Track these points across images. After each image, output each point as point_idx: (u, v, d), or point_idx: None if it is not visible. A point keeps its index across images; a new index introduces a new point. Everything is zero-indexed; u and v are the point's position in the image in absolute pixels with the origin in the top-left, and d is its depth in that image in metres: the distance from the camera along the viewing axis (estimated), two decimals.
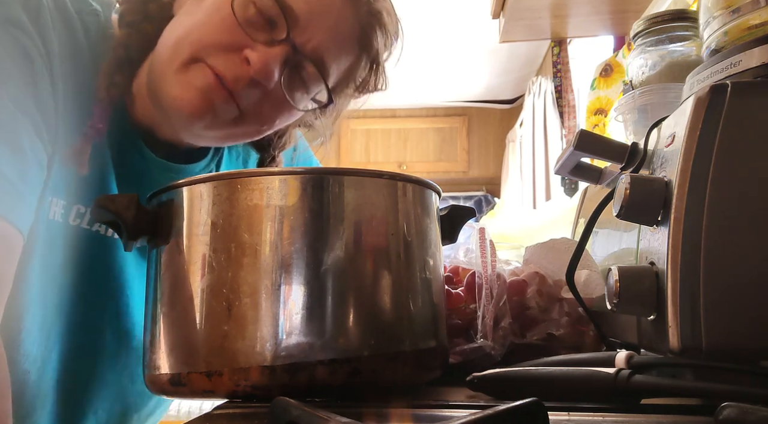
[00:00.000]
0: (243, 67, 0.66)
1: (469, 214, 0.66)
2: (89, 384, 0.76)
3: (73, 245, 0.70)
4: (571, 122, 2.88)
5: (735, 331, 0.43)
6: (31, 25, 0.63)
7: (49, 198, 0.66)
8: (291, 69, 0.68)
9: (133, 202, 0.56)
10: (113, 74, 0.69)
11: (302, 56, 0.68)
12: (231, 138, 0.75)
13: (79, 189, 0.69)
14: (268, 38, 0.66)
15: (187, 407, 2.88)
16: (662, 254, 0.45)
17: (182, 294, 0.53)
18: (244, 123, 0.70)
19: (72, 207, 0.69)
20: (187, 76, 0.66)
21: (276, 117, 0.72)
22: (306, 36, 0.67)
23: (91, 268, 0.73)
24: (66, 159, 0.66)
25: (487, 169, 4.50)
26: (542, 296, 0.68)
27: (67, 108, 0.66)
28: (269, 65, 0.66)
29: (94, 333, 0.75)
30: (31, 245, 0.64)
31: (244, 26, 0.66)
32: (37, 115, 0.62)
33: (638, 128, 0.74)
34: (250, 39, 0.66)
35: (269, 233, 0.51)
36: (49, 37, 0.64)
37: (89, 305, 0.73)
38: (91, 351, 0.75)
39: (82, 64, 0.68)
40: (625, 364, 0.47)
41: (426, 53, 3.64)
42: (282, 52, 0.66)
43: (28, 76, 0.62)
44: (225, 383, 0.50)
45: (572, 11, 1.97)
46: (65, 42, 0.66)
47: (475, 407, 0.46)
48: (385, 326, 0.52)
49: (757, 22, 0.50)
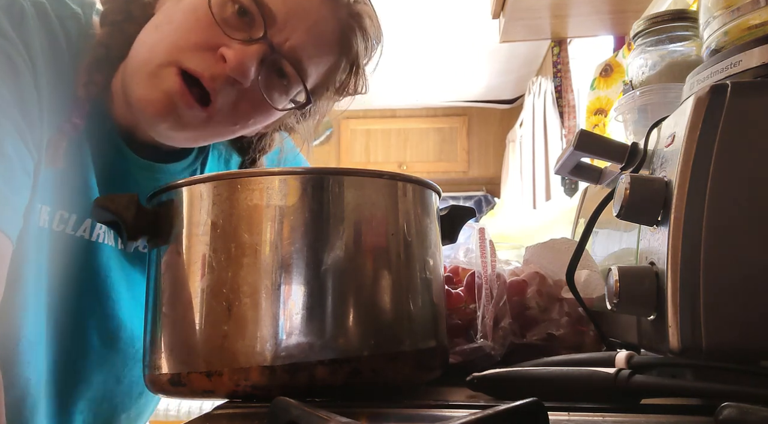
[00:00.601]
0: (219, 65, 0.66)
1: (469, 214, 0.66)
2: (76, 386, 0.76)
3: (58, 250, 0.70)
4: (571, 122, 2.88)
5: (735, 331, 0.43)
6: (14, 32, 0.63)
7: (38, 206, 0.66)
8: (268, 68, 0.68)
9: (133, 202, 0.56)
10: (92, 73, 0.69)
11: (280, 55, 0.68)
12: (202, 138, 0.74)
13: (61, 194, 0.68)
14: (246, 37, 0.66)
15: (187, 407, 2.88)
16: (662, 254, 0.45)
17: (182, 294, 0.53)
18: (215, 123, 0.70)
19: (56, 213, 0.69)
20: (156, 79, 0.66)
21: (251, 116, 0.72)
22: (284, 35, 0.67)
23: (76, 272, 0.72)
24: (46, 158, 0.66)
25: (487, 169, 4.50)
26: (542, 296, 0.68)
27: (51, 113, 0.66)
28: (245, 63, 0.65)
29: (80, 336, 0.75)
30: (24, 252, 0.64)
31: (221, 25, 0.66)
32: (22, 122, 0.62)
33: (638, 128, 0.74)
34: (227, 37, 0.66)
35: (269, 233, 0.51)
36: (32, 44, 0.64)
37: (75, 310, 0.73)
38: (77, 354, 0.75)
39: (63, 69, 0.68)
40: (625, 364, 0.47)
41: (426, 53, 3.64)
42: (259, 51, 0.66)
43: (11, 83, 0.62)
44: (225, 383, 0.50)
45: (572, 11, 1.97)
46: (47, 48, 0.66)
47: (475, 407, 0.46)
48: (385, 326, 0.52)
49: (757, 22, 0.50)
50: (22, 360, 0.68)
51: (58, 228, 0.70)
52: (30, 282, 0.67)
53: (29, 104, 0.63)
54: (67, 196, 0.69)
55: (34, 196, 0.65)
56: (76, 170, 0.69)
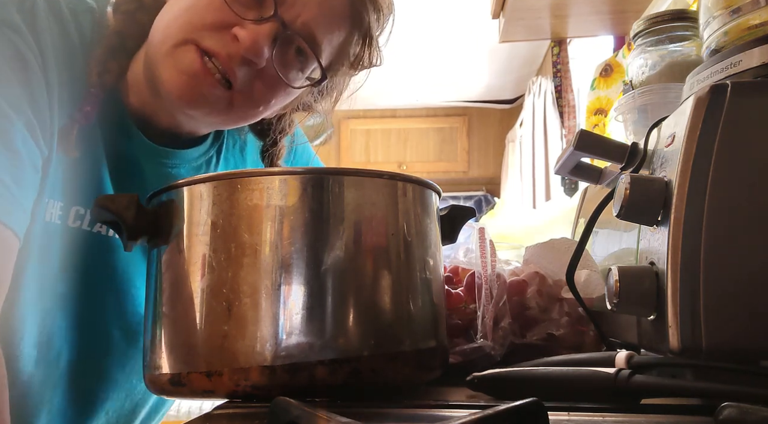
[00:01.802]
0: (234, 45, 0.66)
1: (469, 214, 0.66)
2: (99, 384, 0.77)
3: (74, 246, 0.70)
4: (571, 122, 2.88)
5: (735, 331, 0.43)
6: (26, 27, 0.63)
7: (46, 200, 0.66)
8: (282, 46, 0.68)
9: (133, 202, 0.56)
10: (106, 61, 0.70)
11: (292, 32, 0.68)
12: (229, 122, 0.75)
13: (75, 189, 0.68)
14: (257, 16, 0.66)
15: (187, 407, 2.88)
16: (662, 254, 0.45)
17: (182, 294, 0.53)
18: (238, 106, 0.70)
19: (71, 209, 0.69)
20: (175, 59, 0.67)
21: (271, 97, 0.72)
22: (295, 11, 0.67)
23: (93, 269, 0.73)
24: (57, 147, 0.66)
25: (487, 169, 4.50)
26: (542, 296, 0.68)
27: (62, 108, 0.66)
28: (258, 42, 0.65)
29: (101, 333, 0.75)
30: (27, 247, 0.64)
31: (231, 5, 0.66)
32: (31, 116, 0.62)
33: (638, 128, 0.74)
34: (239, 17, 0.66)
35: (269, 233, 0.51)
36: (44, 38, 0.64)
37: (93, 306, 0.73)
38: (99, 351, 0.76)
39: (76, 64, 0.68)
40: (625, 364, 0.47)
41: (426, 53, 3.64)
42: (271, 29, 0.66)
43: (22, 78, 0.62)
44: (225, 383, 0.50)
45: (572, 11, 1.97)
46: (59, 42, 0.66)
47: (475, 407, 0.46)
48: (385, 326, 0.52)
49: (757, 22, 0.50)
50: (20, 352, 0.68)
51: (74, 224, 0.70)
52: (31, 276, 0.67)
53: (39, 98, 0.64)
54: (80, 191, 0.69)
55: (43, 190, 0.65)
56: (87, 162, 0.69)
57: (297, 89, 0.73)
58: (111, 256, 0.74)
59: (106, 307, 0.75)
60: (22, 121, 0.61)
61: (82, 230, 0.70)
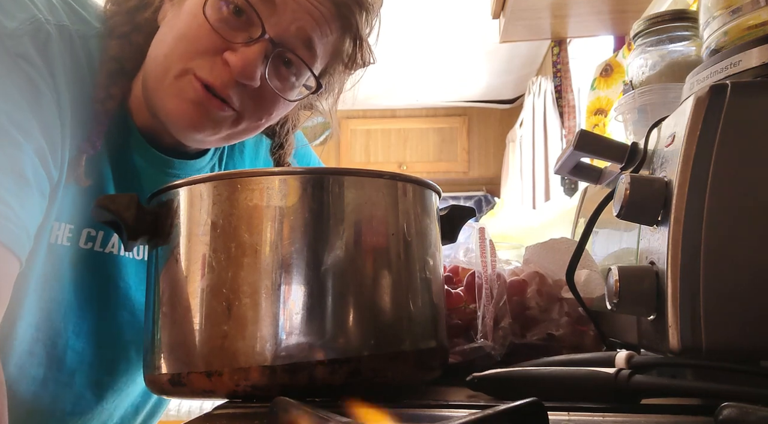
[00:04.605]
0: (226, 70, 0.67)
1: (469, 214, 0.66)
2: (112, 398, 0.79)
3: (88, 267, 0.72)
4: (571, 122, 2.88)
5: (735, 331, 0.43)
6: (40, 59, 0.64)
7: (51, 223, 0.67)
8: (273, 62, 0.69)
9: (133, 202, 0.56)
10: (108, 87, 0.70)
11: (283, 48, 0.68)
12: (234, 137, 0.75)
13: (86, 212, 0.69)
14: (246, 38, 0.67)
15: (187, 407, 2.88)
16: (662, 254, 0.45)
17: (182, 294, 0.53)
18: (243, 121, 0.71)
19: (82, 231, 0.70)
20: (178, 89, 0.67)
21: (272, 110, 0.73)
22: (282, 26, 0.67)
23: (106, 288, 0.74)
24: (67, 177, 0.67)
25: (487, 169, 4.50)
26: (542, 296, 0.68)
27: (74, 132, 0.67)
28: (249, 65, 0.66)
29: (117, 350, 0.77)
30: (28, 269, 0.65)
31: (219, 30, 0.66)
32: (43, 143, 0.63)
33: (638, 128, 0.74)
34: (229, 42, 0.66)
35: (269, 233, 0.51)
36: (56, 67, 0.65)
37: (108, 325, 0.75)
38: (120, 373, 0.78)
39: (85, 88, 0.69)
40: (625, 364, 0.47)
41: (426, 53, 3.64)
42: (260, 49, 0.67)
43: (35, 107, 0.63)
44: (225, 383, 0.50)
45: (572, 11, 1.97)
46: (70, 69, 0.67)
47: (475, 407, 0.46)
48: (385, 326, 0.52)
49: (757, 22, 0.50)
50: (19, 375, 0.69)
51: (86, 246, 0.71)
52: (34, 298, 0.68)
53: (51, 125, 0.64)
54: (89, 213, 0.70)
55: (49, 213, 0.66)
56: (97, 185, 0.70)
57: (295, 100, 0.75)
58: (126, 274, 0.75)
59: (123, 324, 0.76)
60: (32, 147, 0.62)
61: (94, 251, 0.72)
